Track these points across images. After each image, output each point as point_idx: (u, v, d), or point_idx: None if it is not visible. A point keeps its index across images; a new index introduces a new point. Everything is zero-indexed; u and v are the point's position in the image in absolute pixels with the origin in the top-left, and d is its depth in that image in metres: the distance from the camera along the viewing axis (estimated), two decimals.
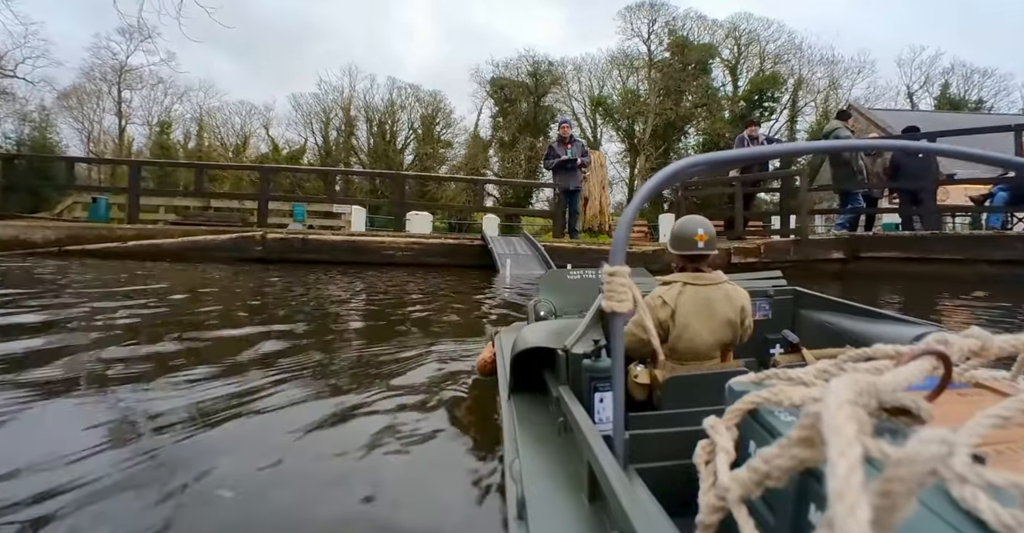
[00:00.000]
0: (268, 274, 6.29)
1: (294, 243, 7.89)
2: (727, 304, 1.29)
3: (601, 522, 0.73)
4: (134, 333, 2.71)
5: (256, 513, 1.07)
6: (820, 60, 25.57)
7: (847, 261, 6.92)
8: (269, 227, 8.78)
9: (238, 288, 5.03)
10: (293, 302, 4.11)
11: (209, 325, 3.04)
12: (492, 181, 22.90)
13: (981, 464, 0.39)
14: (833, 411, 0.36)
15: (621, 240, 0.72)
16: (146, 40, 23.97)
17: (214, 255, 7.64)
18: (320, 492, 1.16)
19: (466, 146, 27.89)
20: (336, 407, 1.68)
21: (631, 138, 25.91)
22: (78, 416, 1.55)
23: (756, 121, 9.15)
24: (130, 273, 5.70)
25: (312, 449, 1.39)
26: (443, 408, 1.72)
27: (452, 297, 4.79)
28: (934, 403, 0.51)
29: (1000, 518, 0.35)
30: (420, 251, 8.12)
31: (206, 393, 1.77)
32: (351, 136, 28.21)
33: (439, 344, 2.64)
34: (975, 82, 24.94)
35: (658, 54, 26.04)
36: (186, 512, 1.05)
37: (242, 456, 1.32)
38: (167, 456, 1.29)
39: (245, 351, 2.37)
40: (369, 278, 6.22)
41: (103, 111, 26.89)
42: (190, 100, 28.24)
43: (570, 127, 9.34)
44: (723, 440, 0.59)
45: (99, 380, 1.90)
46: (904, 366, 0.50)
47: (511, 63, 27.43)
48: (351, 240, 8.17)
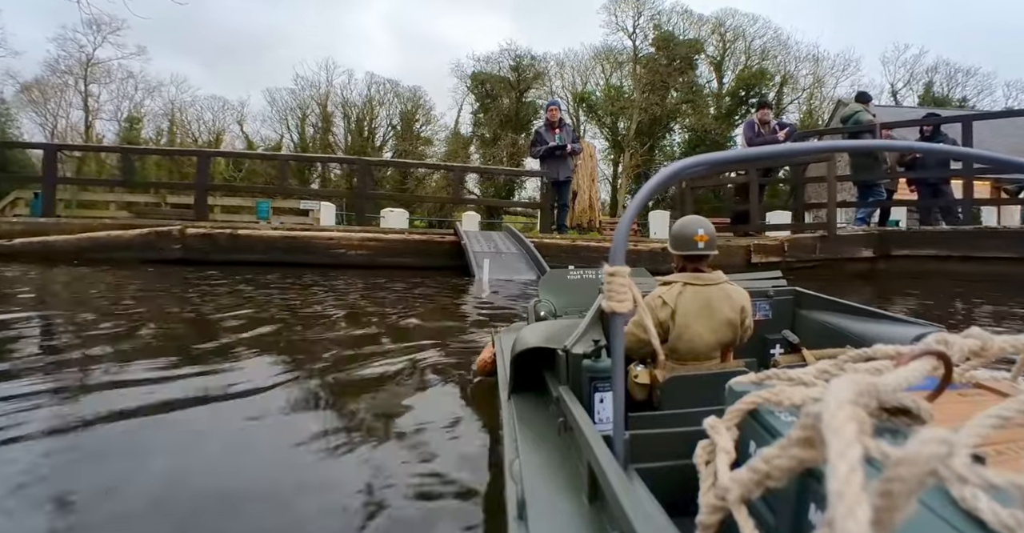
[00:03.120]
0: (165, 281, 4.97)
1: (220, 240, 6.38)
2: (727, 304, 1.29)
3: (601, 522, 0.73)
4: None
5: (256, 514, 1.07)
6: (806, 57, 25.43)
7: (877, 259, 6.17)
8: (221, 224, 7.06)
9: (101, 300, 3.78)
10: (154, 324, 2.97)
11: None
12: (470, 168, 20.44)
13: (981, 464, 0.39)
14: (833, 411, 0.36)
15: (621, 240, 0.72)
16: (114, 32, 23.27)
17: (122, 256, 6.12)
18: (320, 492, 1.16)
19: (446, 143, 27.08)
20: (334, 407, 1.68)
21: (615, 135, 25.52)
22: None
23: (769, 103, 7.84)
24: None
25: (310, 450, 1.39)
26: (443, 408, 1.72)
27: (400, 317, 3.38)
28: (934, 403, 0.51)
29: (1000, 518, 0.35)
30: (378, 249, 6.64)
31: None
32: (328, 132, 26.98)
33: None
34: (958, 81, 24.88)
35: (643, 49, 25.64)
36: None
37: (236, 462, 1.32)
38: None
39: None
40: (294, 288, 4.73)
41: (69, 106, 25.14)
42: (161, 95, 26.62)
43: (559, 110, 8.05)
44: (723, 440, 0.59)
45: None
46: (904, 366, 0.50)
47: (492, 57, 26.54)
48: (292, 236, 6.66)
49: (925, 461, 0.31)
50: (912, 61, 25.49)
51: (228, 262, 6.18)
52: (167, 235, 6.35)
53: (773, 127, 7.21)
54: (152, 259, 6.16)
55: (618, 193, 24.09)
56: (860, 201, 7.31)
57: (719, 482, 0.52)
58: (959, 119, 6.70)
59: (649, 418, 1.00)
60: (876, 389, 0.42)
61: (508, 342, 1.60)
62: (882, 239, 6.21)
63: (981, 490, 0.36)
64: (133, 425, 1.51)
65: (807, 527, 0.48)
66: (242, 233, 6.52)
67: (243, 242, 6.43)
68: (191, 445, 1.40)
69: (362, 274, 5.94)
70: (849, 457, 0.32)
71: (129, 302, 3.70)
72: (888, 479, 0.31)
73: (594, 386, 1.04)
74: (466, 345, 2.61)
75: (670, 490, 0.73)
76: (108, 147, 19.62)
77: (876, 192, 7.15)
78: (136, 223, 6.72)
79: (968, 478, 0.36)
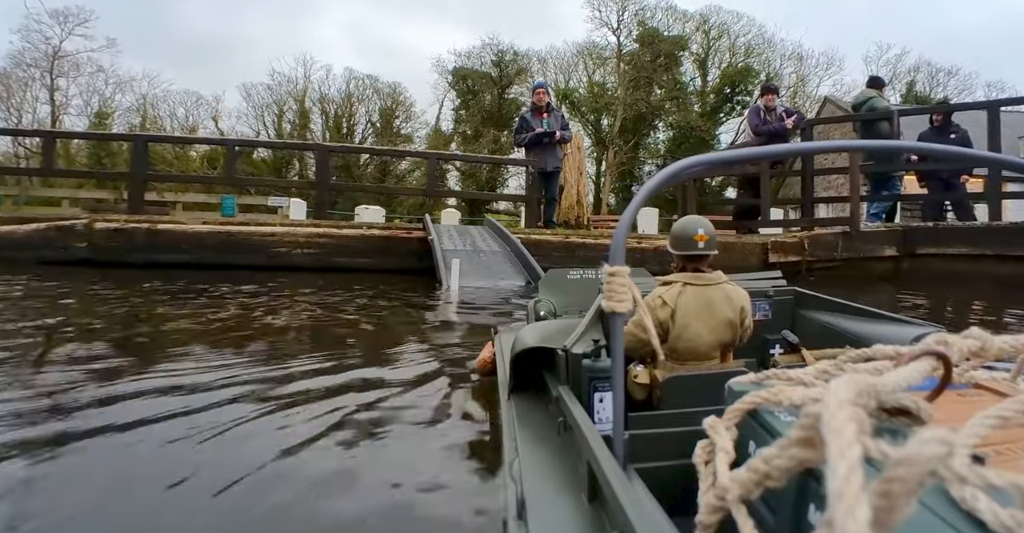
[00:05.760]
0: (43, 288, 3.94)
1: (137, 237, 5.34)
2: (727, 304, 1.29)
3: (601, 522, 0.73)
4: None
5: (256, 514, 1.08)
6: (790, 55, 25.36)
7: (901, 259, 5.64)
8: (138, 218, 5.72)
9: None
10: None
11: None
12: (446, 155, 17.66)
13: (981, 464, 0.40)
14: (833, 411, 0.36)
15: (621, 240, 0.73)
16: (82, 24, 22.54)
17: (15, 255, 5.21)
18: (319, 493, 1.16)
19: (427, 140, 26.03)
20: (331, 408, 1.68)
21: (599, 132, 25.18)
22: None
23: (775, 88, 7.05)
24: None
25: (308, 451, 1.39)
26: (442, 407, 1.72)
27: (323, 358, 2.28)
28: (934, 404, 0.52)
29: (999, 518, 0.35)
30: (329, 248, 5.61)
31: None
32: (306, 129, 25.96)
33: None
34: (940, 80, 24.94)
35: (627, 45, 25.42)
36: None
37: (241, 466, 1.32)
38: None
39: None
40: (188, 300, 3.64)
41: (35, 100, 24.04)
42: (133, 90, 25.56)
43: (547, 93, 7.16)
44: (723, 440, 0.60)
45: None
46: (904, 367, 0.50)
47: (474, 52, 25.93)
48: (224, 230, 5.55)
49: (925, 461, 0.31)
50: (895, 61, 25.62)
51: (148, 264, 5.20)
52: (70, 230, 5.28)
53: (780, 114, 6.62)
54: (52, 260, 5.20)
55: (601, 191, 23.87)
56: (875, 195, 6.59)
57: (719, 482, 0.52)
58: (984, 105, 6.13)
59: (649, 418, 1.00)
60: (876, 389, 0.42)
61: (508, 342, 1.60)
62: (906, 236, 5.60)
63: (981, 490, 0.36)
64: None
65: (806, 527, 0.48)
66: (163, 228, 5.43)
67: (164, 239, 5.38)
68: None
69: (312, 277, 4.95)
70: (849, 457, 0.32)
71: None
72: (888, 479, 0.31)
73: (594, 386, 1.04)
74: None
75: (670, 490, 0.73)
76: (27, 131, 18.40)
77: (892, 185, 6.48)
78: (38, 217, 5.74)
79: (968, 478, 0.36)
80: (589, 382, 1.05)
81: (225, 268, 5.22)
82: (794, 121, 6.53)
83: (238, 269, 5.22)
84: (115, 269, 5.02)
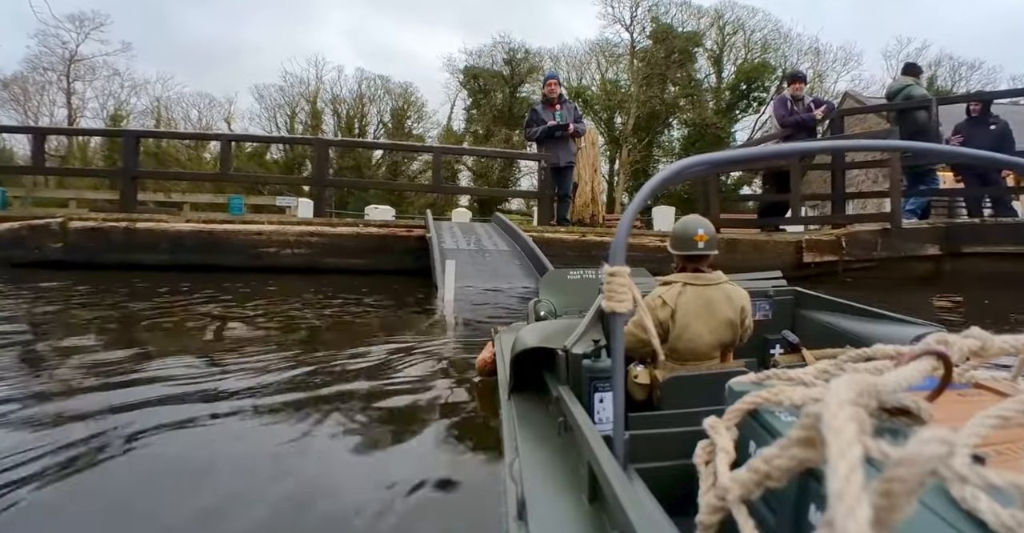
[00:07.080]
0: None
1: (114, 236, 5.14)
2: (727, 304, 1.29)
3: (601, 522, 0.73)
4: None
5: (253, 515, 1.08)
6: (807, 50, 24.98)
7: (943, 259, 5.27)
8: (116, 217, 5.48)
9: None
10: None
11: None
12: (453, 149, 17.12)
13: (981, 464, 0.40)
14: (833, 411, 0.36)
15: (621, 240, 0.73)
16: (97, 28, 22.80)
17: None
18: (317, 493, 1.16)
19: (438, 140, 25.68)
20: (329, 404, 1.68)
21: (612, 130, 25.02)
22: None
23: (802, 76, 6.52)
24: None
25: (305, 452, 1.39)
26: (442, 407, 1.72)
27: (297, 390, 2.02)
28: (934, 403, 0.52)
29: (1000, 518, 0.35)
30: (321, 247, 5.30)
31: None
32: (318, 130, 25.69)
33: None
34: (962, 74, 24.55)
35: (640, 41, 25.16)
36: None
37: (238, 462, 1.32)
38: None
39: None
40: (159, 303, 3.43)
41: (52, 103, 24.31)
42: (147, 93, 25.91)
43: (559, 84, 6.73)
44: (723, 440, 0.60)
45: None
46: (904, 366, 0.50)
47: (485, 51, 25.80)
48: (206, 229, 5.27)
49: (925, 461, 0.31)
50: (915, 55, 25.10)
51: (125, 265, 4.96)
52: (44, 230, 5.09)
53: (808, 104, 6.16)
54: (25, 261, 5.01)
55: (615, 190, 23.76)
56: (911, 190, 6.07)
57: (719, 482, 0.52)
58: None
59: (649, 418, 1.00)
60: (876, 389, 0.42)
61: (508, 342, 1.60)
62: (949, 233, 5.18)
63: (981, 490, 0.36)
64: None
65: (807, 527, 0.48)
66: (141, 227, 5.21)
67: (142, 239, 5.16)
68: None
69: (301, 281, 4.63)
70: (849, 457, 0.32)
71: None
72: (888, 479, 0.31)
73: (594, 386, 1.04)
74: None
75: (670, 490, 0.73)
76: (14, 127, 18.36)
77: (931, 180, 6.07)
78: (11, 216, 5.56)
79: (968, 478, 0.36)
80: (589, 382, 1.05)
81: (206, 269, 4.97)
82: (824, 111, 6.13)
83: (220, 271, 4.97)
84: (89, 271, 4.75)
